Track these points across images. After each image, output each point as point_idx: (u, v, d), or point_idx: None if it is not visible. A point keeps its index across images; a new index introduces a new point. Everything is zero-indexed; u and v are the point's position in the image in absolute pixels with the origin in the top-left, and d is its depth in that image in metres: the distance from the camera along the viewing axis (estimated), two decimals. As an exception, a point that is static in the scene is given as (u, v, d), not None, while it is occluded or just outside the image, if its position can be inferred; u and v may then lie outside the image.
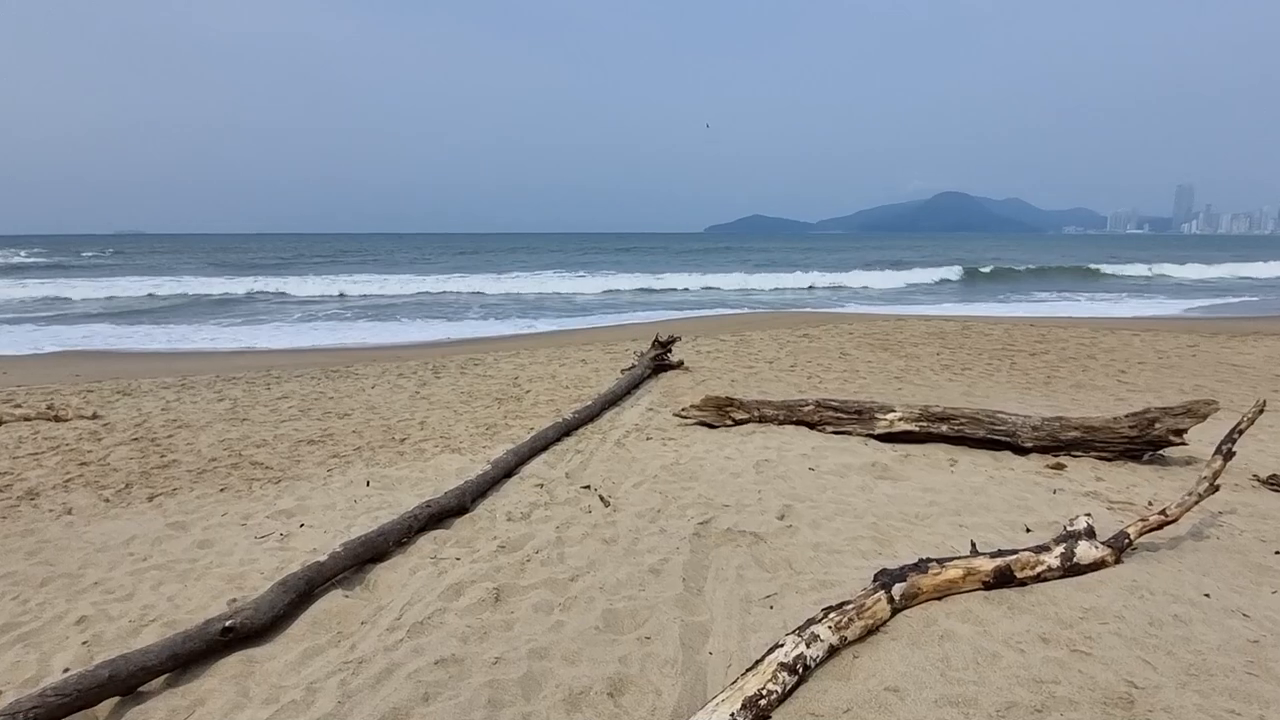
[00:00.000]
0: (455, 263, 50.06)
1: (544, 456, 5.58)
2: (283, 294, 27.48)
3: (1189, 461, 5.48)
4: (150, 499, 4.90)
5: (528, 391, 8.31)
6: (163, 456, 5.92)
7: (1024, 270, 40.34)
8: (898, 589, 3.17)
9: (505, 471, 5.05)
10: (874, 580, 3.24)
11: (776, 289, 31.05)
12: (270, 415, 7.41)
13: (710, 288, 31.18)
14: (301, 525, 4.29)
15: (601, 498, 4.60)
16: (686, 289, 30.75)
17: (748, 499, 4.56)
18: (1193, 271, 39.49)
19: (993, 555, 3.47)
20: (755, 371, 9.35)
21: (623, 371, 9.28)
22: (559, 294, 28.87)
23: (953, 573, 3.34)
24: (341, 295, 27.25)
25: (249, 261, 49.78)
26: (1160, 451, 5.53)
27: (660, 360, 9.23)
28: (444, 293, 28.11)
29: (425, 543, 3.97)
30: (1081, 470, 5.24)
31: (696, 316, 21.39)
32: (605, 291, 29.49)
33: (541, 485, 4.90)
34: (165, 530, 4.29)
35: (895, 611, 3.14)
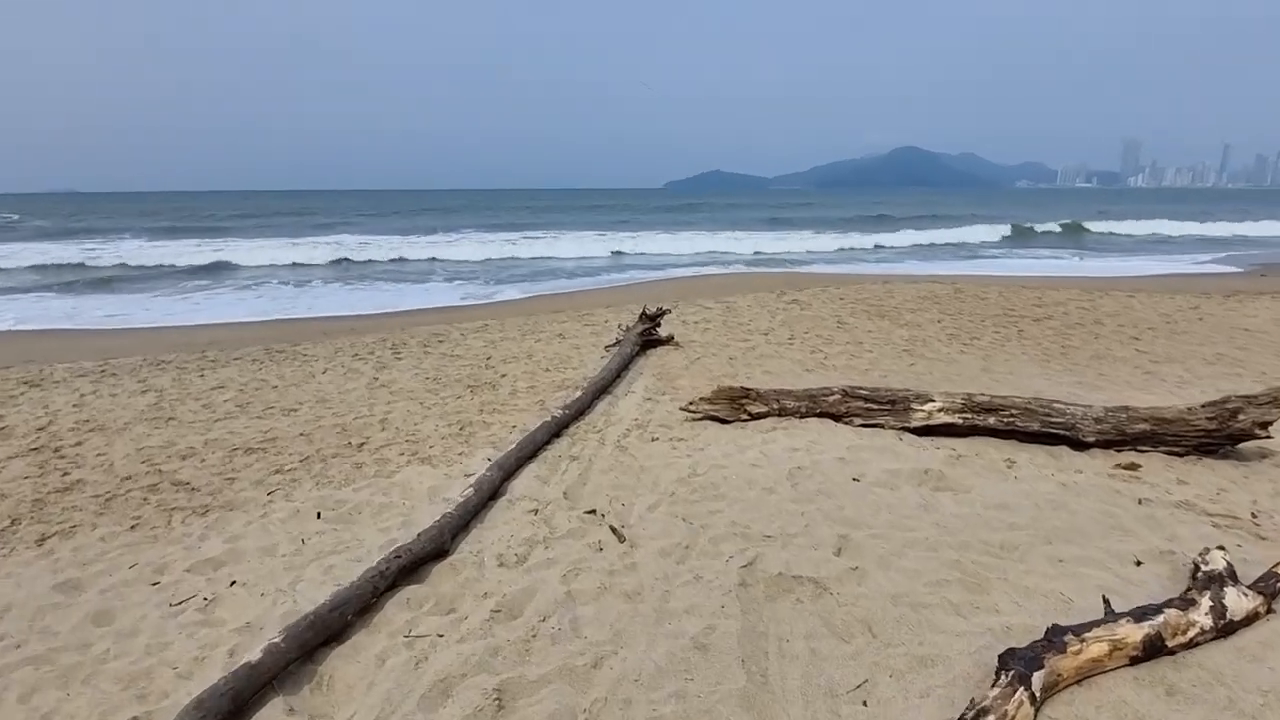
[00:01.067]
0: (404, 224, 47.96)
1: (534, 467, 4.67)
2: (226, 263, 25.66)
3: (1265, 456, 4.84)
4: (40, 541, 3.87)
5: (503, 376, 7.34)
6: (65, 475, 4.85)
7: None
8: (1036, 679, 2.39)
9: (490, 492, 4.14)
10: (1001, 667, 2.45)
11: (780, 254, 30.15)
12: (202, 412, 6.33)
13: (674, 253, 30.17)
14: (232, 583, 3.33)
15: (614, 529, 3.73)
16: (665, 253, 29.69)
17: (792, 525, 3.74)
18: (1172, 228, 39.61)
19: (1135, 618, 2.71)
20: (752, 346, 8.51)
21: (607, 349, 8.37)
22: (517, 259, 27.57)
23: (1096, 649, 2.57)
24: (275, 264, 25.55)
25: (193, 225, 46.95)
26: (1235, 446, 4.88)
27: (648, 335, 8.32)
28: (400, 259, 26.57)
29: (395, 609, 3.06)
30: (1158, 470, 4.55)
31: (671, 278, 20.45)
32: (577, 257, 28.27)
33: (536, 511, 4.01)
34: (51, 595, 3.29)
35: (1037, 713, 2.37)
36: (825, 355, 8.11)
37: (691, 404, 5.50)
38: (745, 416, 5.41)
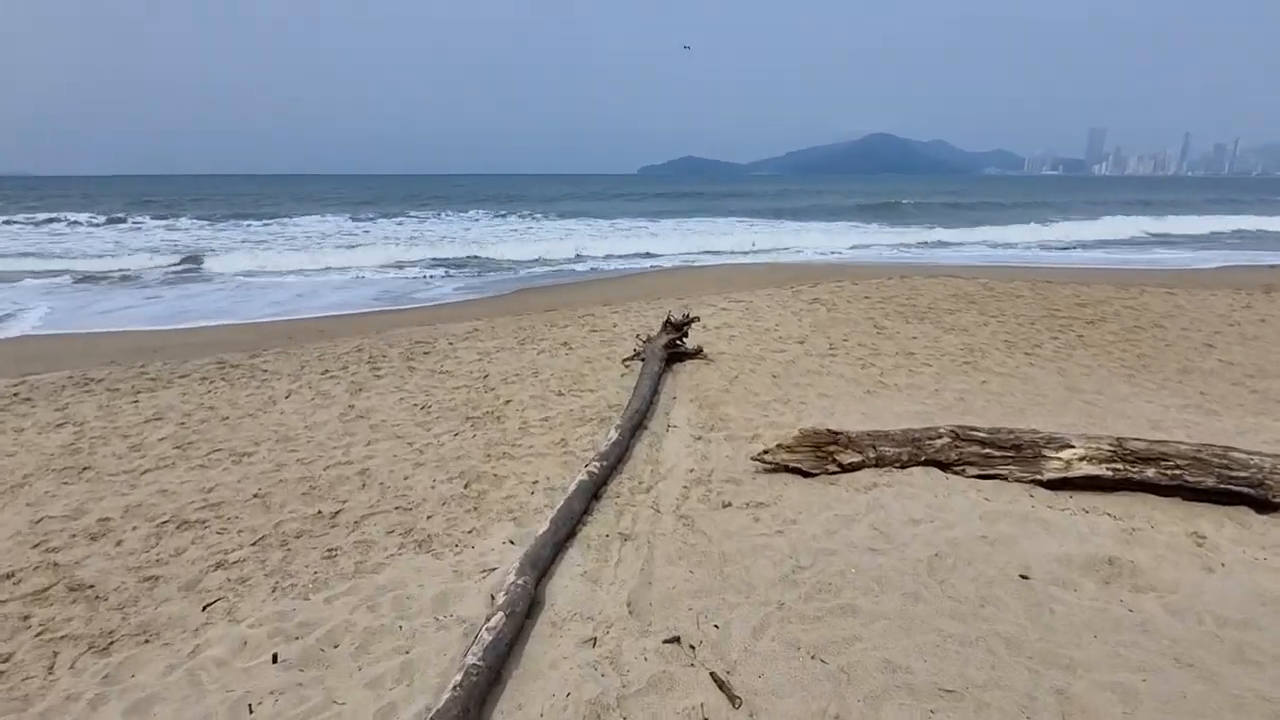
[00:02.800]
0: (374, 209, 46.03)
1: (574, 553, 3.44)
2: (182, 247, 23.82)
3: None
4: None
5: (507, 402, 6.07)
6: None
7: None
8: None
9: (526, 607, 2.90)
10: None
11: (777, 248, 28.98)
12: (129, 458, 4.97)
13: (660, 251, 28.90)
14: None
15: (718, 681, 2.52)
16: (652, 253, 28.39)
17: (973, 667, 2.56)
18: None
19: None
20: (792, 360, 7.33)
21: (625, 364, 7.13)
22: (493, 239, 26.07)
23: None
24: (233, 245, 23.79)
25: (151, 210, 44.48)
26: None
27: (674, 347, 7.10)
28: (368, 245, 24.93)
29: None
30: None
31: (666, 270, 19.20)
32: (557, 244, 26.84)
33: (594, 641, 2.78)
34: None
35: None
36: (880, 371, 6.95)
37: (765, 453, 4.29)
38: (834, 468, 4.22)
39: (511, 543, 3.53)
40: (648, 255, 23.43)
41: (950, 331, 8.76)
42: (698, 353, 7.21)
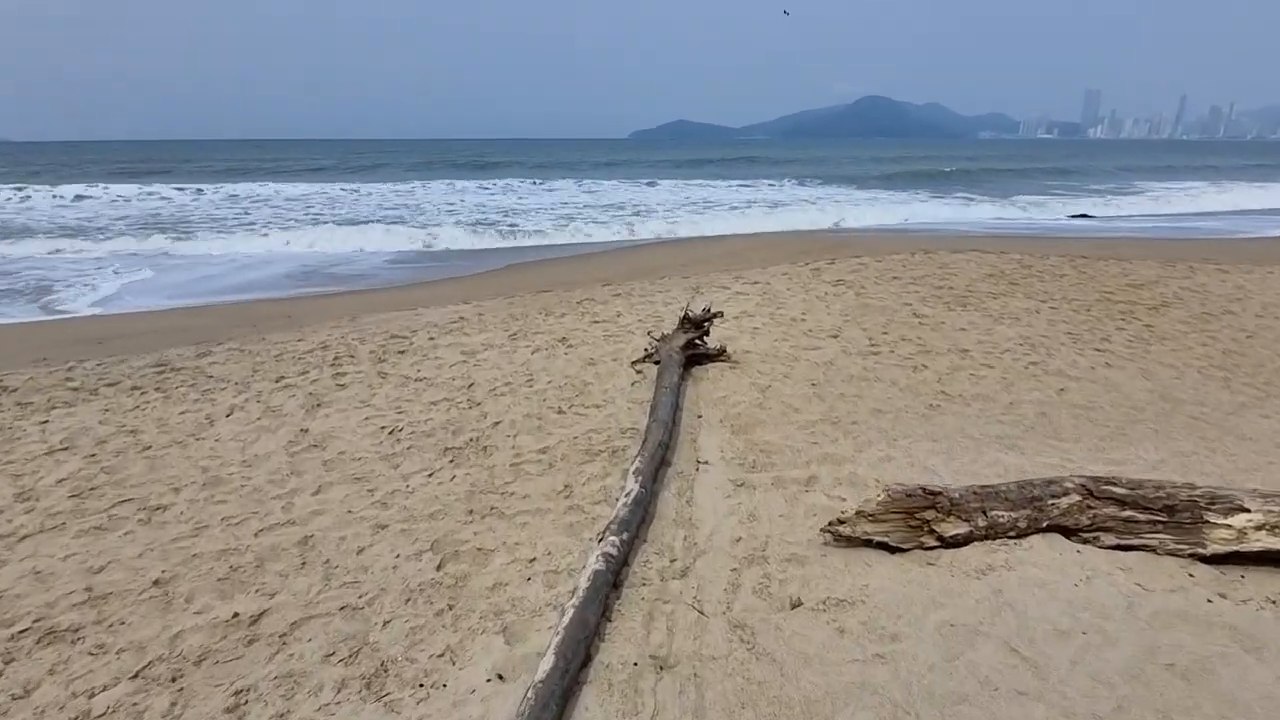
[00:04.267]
0: (355, 175, 44.35)
1: (590, 699, 2.38)
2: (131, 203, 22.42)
3: None
4: None
5: (496, 424, 4.97)
6: None
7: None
8: None
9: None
10: None
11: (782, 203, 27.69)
12: (7, 512, 3.88)
13: (654, 202, 27.58)
14: None
15: None
16: (638, 209, 27.08)
17: None
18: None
19: None
20: (830, 360, 6.24)
21: (635, 368, 6.03)
22: (483, 205, 24.75)
23: None
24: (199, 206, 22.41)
25: (133, 179, 42.69)
26: None
27: (693, 348, 6.00)
28: (349, 216, 23.57)
29: None
30: None
31: (667, 242, 17.98)
32: (550, 208, 25.51)
33: None
34: None
35: None
36: (935, 376, 5.88)
37: (840, 523, 3.22)
38: (932, 541, 3.17)
39: (500, 678, 2.47)
40: (661, 219, 22.14)
41: (1001, 321, 7.68)
42: (720, 354, 6.11)
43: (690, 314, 6.04)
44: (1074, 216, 25.97)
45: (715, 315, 6.11)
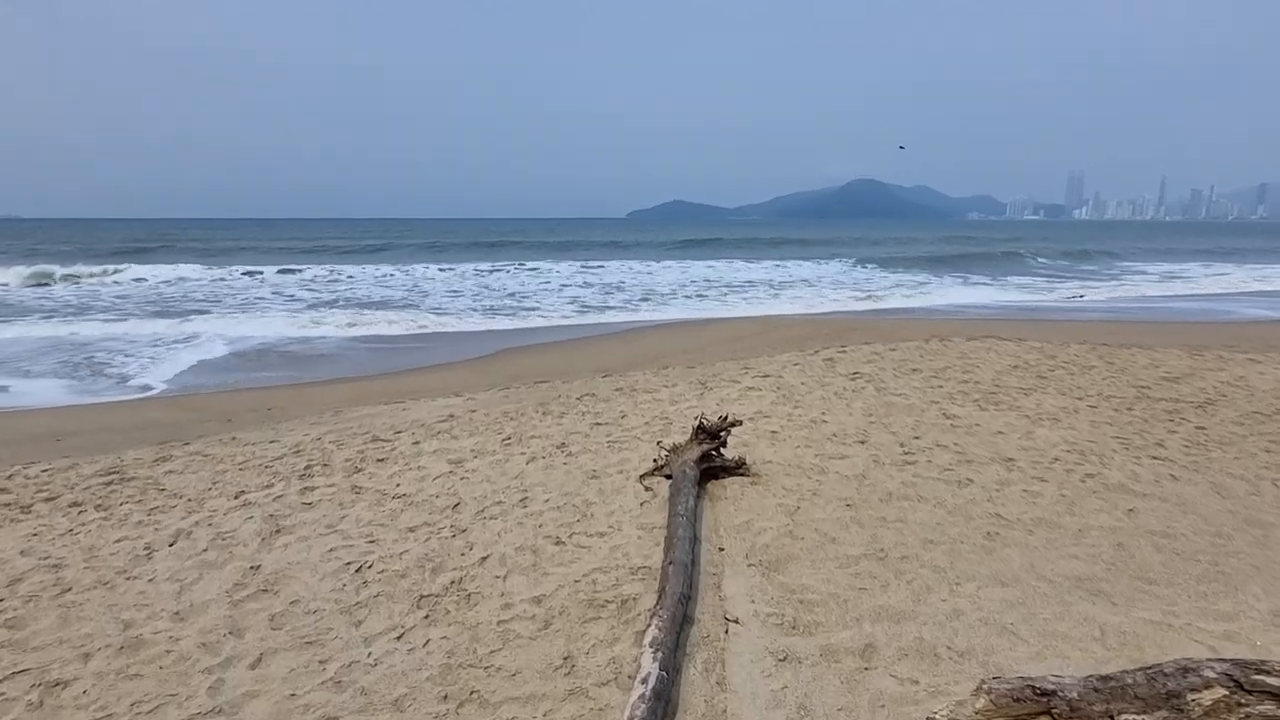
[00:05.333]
0: (361, 257, 44.52)
1: None
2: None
3: None
4: None
5: (484, 559, 4.22)
6: None
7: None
8: None
9: None
10: None
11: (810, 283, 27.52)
12: None
13: (658, 290, 27.41)
14: None
15: None
16: (653, 286, 26.89)
17: None
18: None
19: None
20: (862, 475, 5.53)
21: (644, 482, 5.33)
22: (488, 288, 24.45)
23: None
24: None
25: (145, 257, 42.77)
26: None
27: (709, 461, 5.31)
28: (355, 300, 23.24)
29: None
30: None
31: (665, 325, 17.48)
32: (547, 288, 25.26)
33: None
34: None
35: None
36: (985, 493, 5.18)
37: (929, 734, 2.47)
38: (1048, 766, 2.41)
39: None
40: (651, 294, 21.78)
41: (1040, 422, 7.03)
42: (739, 467, 5.42)
43: (705, 423, 5.37)
44: (1074, 298, 25.80)
45: (733, 424, 5.45)
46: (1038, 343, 11.83)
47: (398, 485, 5.49)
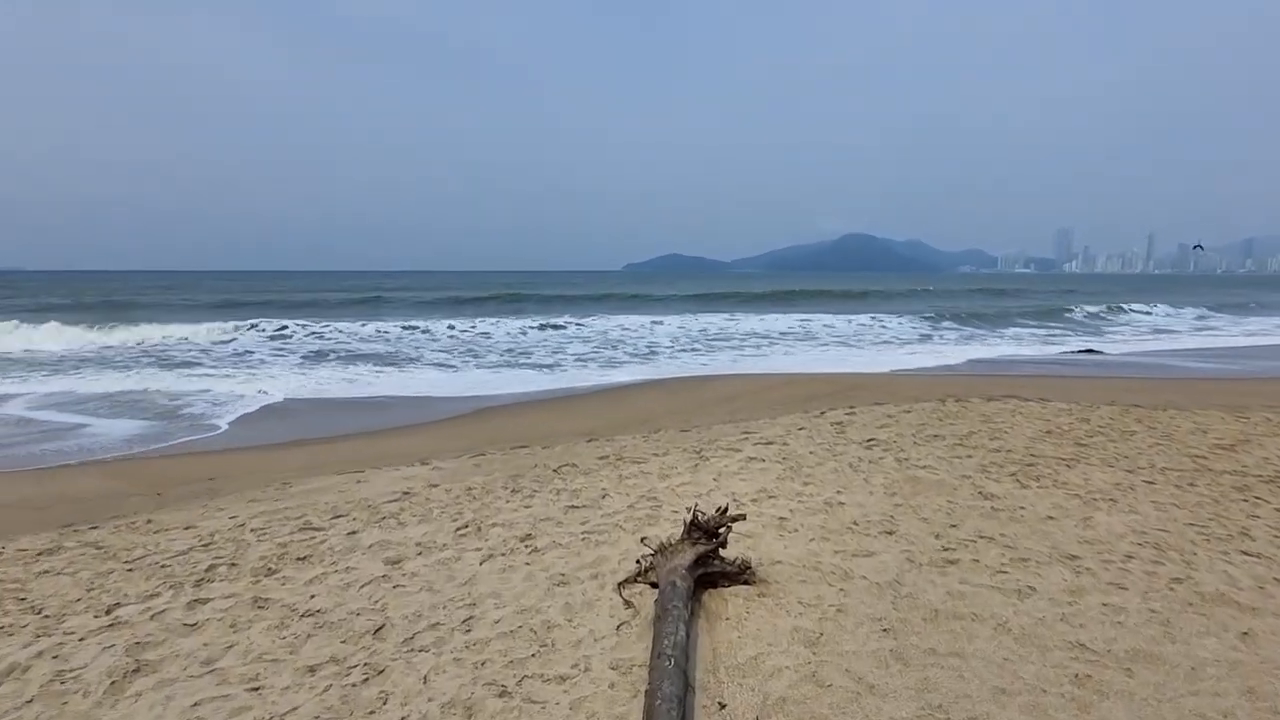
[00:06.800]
0: (352, 311, 43.71)
1: None
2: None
3: None
4: None
5: (404, 712, 3.10)
6: None
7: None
8: None
9: None
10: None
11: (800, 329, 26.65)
12: None
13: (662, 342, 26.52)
14: None
15: None
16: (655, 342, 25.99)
17: None
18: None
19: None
20: (896, 580, 4.43)
21: (622, 591, 4.22)
22: (473, 341, 23.48)
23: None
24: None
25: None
26: None
27: (706, 564, 4.21)
28: (358, 354, 22.24)
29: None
30: None
31: (654, 382, 16.42)
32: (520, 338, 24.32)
33: None
34: None
35: None
36: (1058, 611, 4.07)
37: None
38: None
39: None
40: (646, 350, 20.81)
41: (1095, 504, 5.96)
42: (743, 573, 4.31)
43: (700, 517, 4.29)
44: (1081, 351, 24.94)
45: (735, 519, 4.36)
46: (1064, 404, 10.82)
47: (313, 597, 4.36)
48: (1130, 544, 5.12)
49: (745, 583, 4.30)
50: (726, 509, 4.40)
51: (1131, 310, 43.32)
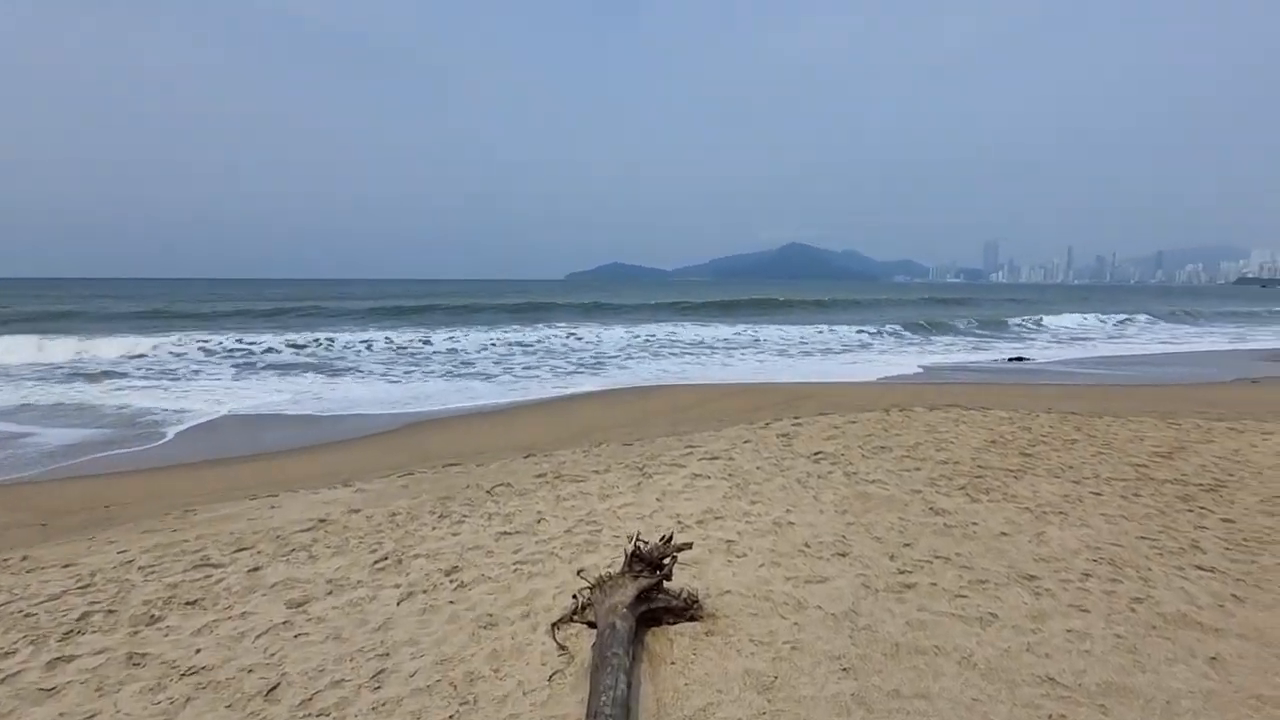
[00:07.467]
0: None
1: None
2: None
3: None
4: None
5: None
6: None
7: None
8: None
9: None
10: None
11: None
12: None
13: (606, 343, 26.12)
14: None
15: None
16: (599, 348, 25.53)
17: None
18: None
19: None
20: (853, 610, 4.13)
21: (555, 634, 3.79)
22: (412, 353, 22.60)
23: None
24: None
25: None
26: None
27: (649, 599, 3.82)
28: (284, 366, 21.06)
29: None
30: None
31: (608, 393, 15.98)
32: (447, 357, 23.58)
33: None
34: None
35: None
36: (1023, 640, 3.82)
37: None
38: None
39: None
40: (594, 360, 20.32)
41: (1047, 518, 5.82)
42: (689, 607, 3.93)
43: (642, 548, 3.90)
44: (1013, 359, 25.58)
45: (681, 548, 3.98)
46: (1004, 412, 10.86)
47: (198, 651, 3.78)
48: (1086, 560, 4.96)
49: (692, 618, 3.93)
50: (671, 538, 4.02)
51: (1057, 318, 44.96)
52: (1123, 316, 47.20)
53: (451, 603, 4.27)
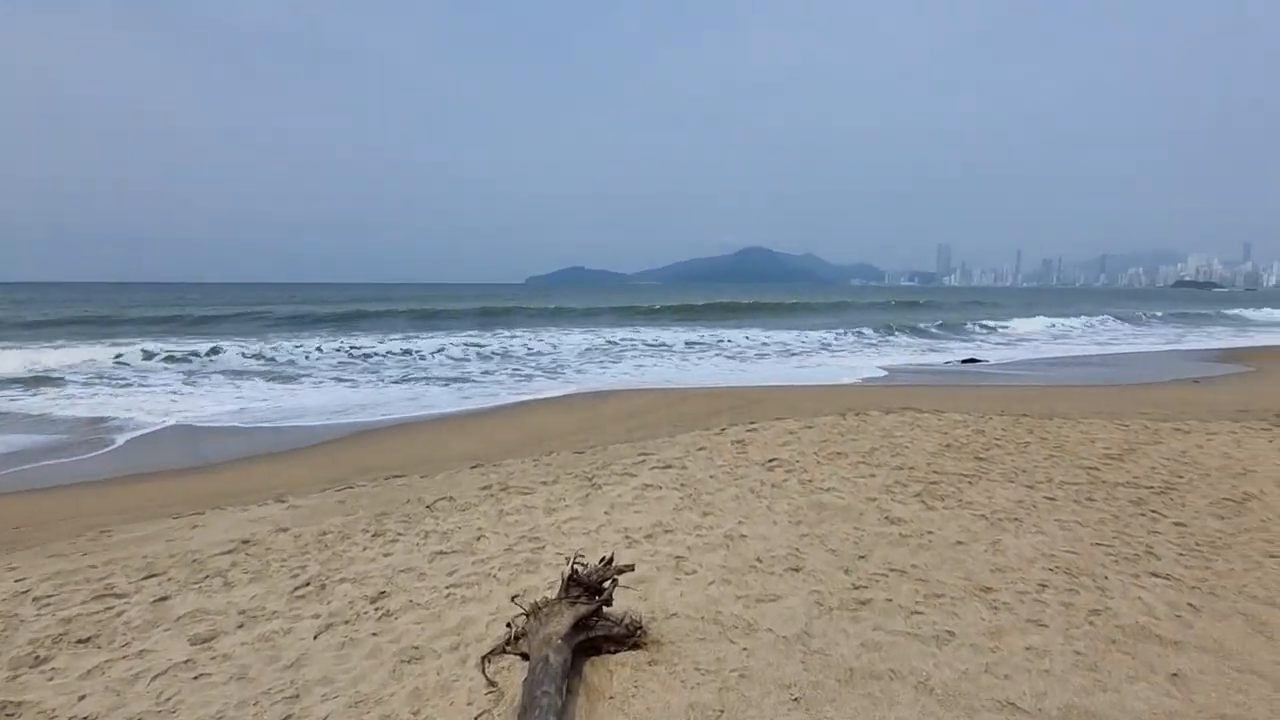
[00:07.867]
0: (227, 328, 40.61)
1: None
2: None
3: None
4: None
5: None
6: None
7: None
8: None
9: None
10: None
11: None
12: None
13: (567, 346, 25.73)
14: None
15: None
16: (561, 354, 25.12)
17: None
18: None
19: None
20: (805, 631, 3.91)
21: (485, 669, 3.48)
22: (361, 358, 21.93)
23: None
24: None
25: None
26: None
27: (587, 627, 3.54)
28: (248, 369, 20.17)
29: None
30: None
31: (563, 399, 15.63)
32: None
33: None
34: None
35: None
36: (981, 661, 3.64)
37: None
38: None
39: None
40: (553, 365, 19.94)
41: (1002, 525, 5.70)
42: (631, 635, 3.65)
43: (579, 571, 3.61)
44: (965, 361, 25.94)
45: (622, 570, 3.71)
46: (959, 415, 10.85)
47: (82, 698, 3.38)
48: (1042, 569, 4.83)
49: (635, 646, 3.66)
50: (611, 559, 3.74)
51: (1007, 320, 45.98)
52: (1089, 319, 48.32)
53: (374, 634, 3.93)
